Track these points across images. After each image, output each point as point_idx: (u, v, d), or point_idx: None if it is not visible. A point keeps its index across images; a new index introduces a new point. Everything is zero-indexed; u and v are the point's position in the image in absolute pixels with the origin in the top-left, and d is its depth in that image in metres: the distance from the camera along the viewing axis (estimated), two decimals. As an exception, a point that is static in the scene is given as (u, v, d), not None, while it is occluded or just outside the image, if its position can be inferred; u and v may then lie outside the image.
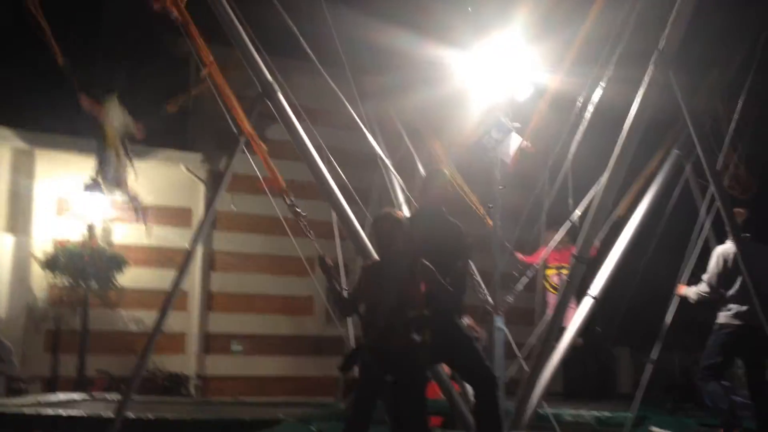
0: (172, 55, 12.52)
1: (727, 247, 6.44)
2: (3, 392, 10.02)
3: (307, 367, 12.84)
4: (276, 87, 6.46)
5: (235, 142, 6.98)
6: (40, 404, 7.63)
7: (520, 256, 8.58)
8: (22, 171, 11.79)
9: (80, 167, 11.63)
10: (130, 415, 6.33)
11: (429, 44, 6.72)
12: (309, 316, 13.29)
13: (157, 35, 11.27)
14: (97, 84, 10.35)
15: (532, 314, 10.33)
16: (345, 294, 5.22)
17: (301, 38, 6.69)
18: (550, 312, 9.01)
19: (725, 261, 6.43)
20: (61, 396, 8.68)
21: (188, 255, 6.76)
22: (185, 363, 12.33)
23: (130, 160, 10.36)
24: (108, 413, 6.72)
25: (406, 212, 7.20)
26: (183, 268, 6.58)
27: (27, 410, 6.98)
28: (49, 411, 6.83)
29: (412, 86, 6.11)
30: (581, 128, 6.18)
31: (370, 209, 8.17)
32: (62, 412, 6.77)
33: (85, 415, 6.77)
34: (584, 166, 6.56)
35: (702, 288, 6.59)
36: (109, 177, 10.21)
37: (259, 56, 6.54)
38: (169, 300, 6.43)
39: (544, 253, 8.26)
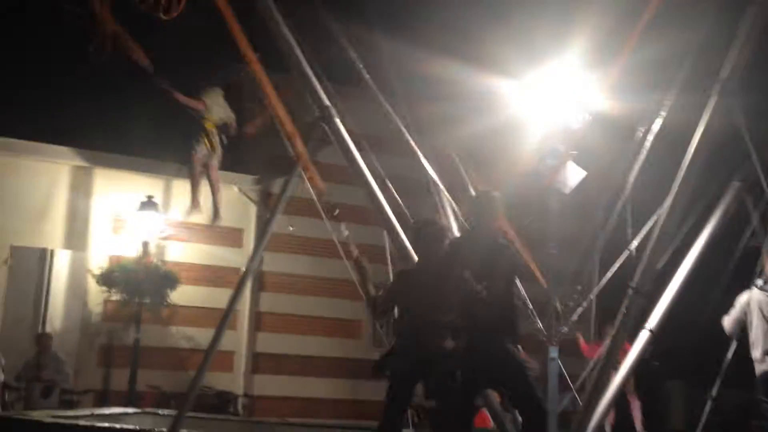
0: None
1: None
2: (56, 404, 10.23)
3: (353, 390, 12.82)
4: (334, 112, 6.54)
5: (290, 164, 7.07)
6: (94, 416, 7.75)
7: (582, 343, 8.52)
8: (81, 189, 12.08)
9: (136, 186, 11.93)
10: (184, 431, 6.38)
11: (483, 74, 6.74)
12: (356, 339, 13.29)
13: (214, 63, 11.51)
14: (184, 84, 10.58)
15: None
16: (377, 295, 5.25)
17: (360, 66, 6.76)
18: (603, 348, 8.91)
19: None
20: (115, 410, 8.80)
21: (244, 276, 6.83)
22: (233, 381, 12.42)
23: (222, 150, 10.57)
24: (160, 429, 6.81)
25: (455, 231, 7.17)
26: (238, 289, 6.67)
27: (82, 422, 7.09)
28: (105, 424, 6.93)
29: (467, 115, 6.12)
30: (641, 157, 6.10)
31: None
32: (117, 425, 6.85)
33: (138, 429, 6.85)
34: (643, 195, 6.46)
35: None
36: (195, 171, 10.59)
37: (318, 82, 6.64)
38: (225, 319, 6.51)
39: (602, 348, 8.16)
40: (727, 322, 7.22)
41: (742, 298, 7.04)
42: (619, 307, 6.35)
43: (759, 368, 6.85)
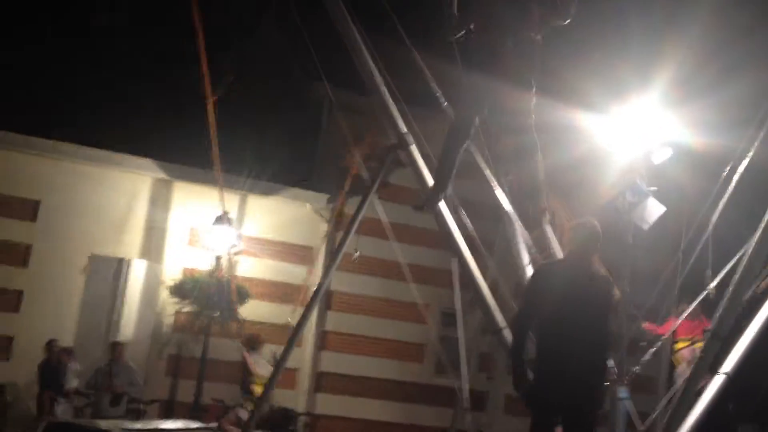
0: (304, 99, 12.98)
1: None
2: (123, 412, 10.45)
3: (414, 414, 12.77)
4: (410, 139, 6.54)
5: (361, 185, 7.10)
6: (160, 430, 7.90)
7: (649, 325, 8.23)
8: (159, 201, 12.38)
9: (212, 199, 12.16)
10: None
11: (567, 107, 6.66)
12: (420, 363, 13.23)
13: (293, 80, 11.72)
14: None
15: (654, 382, 9.93)
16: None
17: (438, 92, 6.77)
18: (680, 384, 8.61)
19: None
20: (179, 423, 8.95)
21: (315, 294, 6.86)
22: (295, 399, 12.48)
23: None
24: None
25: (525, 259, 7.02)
26: (310, 307, 6.71)
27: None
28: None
29: (549, 147, 6.04)
30: (726, 195, 5.92)
31: (494, 259, 8.07)
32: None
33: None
34: (726, 234, 6.27)
35: None
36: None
37: (396, 106, 6.66)
38: (295, 337, 6.54)
39: (673, 324, 7.91)
40: None
41: None
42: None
43: None
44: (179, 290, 11.95)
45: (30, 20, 12.40)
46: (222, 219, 11.79)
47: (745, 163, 5.85)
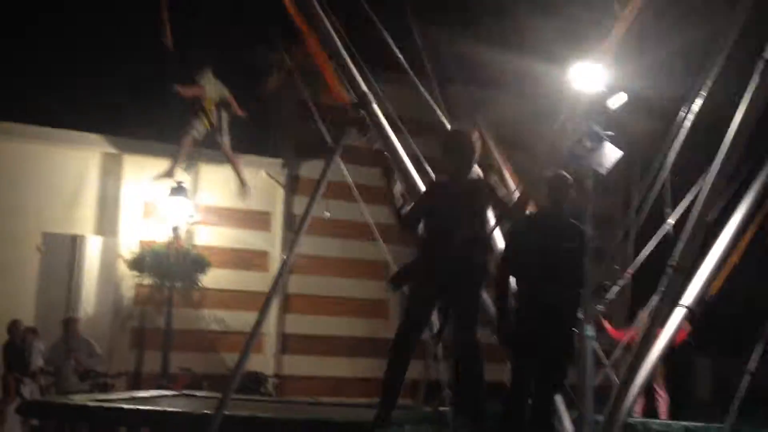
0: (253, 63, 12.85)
1: None
2: (89, 388, 10.39)
3: (380, 369, 12.89)
4: (371, 97, 6.59)
5: (317, 148, 7.13)
6: (135, 399, 7.89)
7: (609, 328, 8.60)
8: (111, 175, 12.22)
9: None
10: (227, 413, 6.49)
11: (522, 56, 6.79)
12: (383, 319, 13.43)
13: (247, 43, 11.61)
14: (189, 64, 10.87)
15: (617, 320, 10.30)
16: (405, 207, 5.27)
17: (394, 47, 6.82)
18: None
19: None
20: (153, 392, 8.95)
21: (284, 262, 6.92)
22: (264, 362, 12.59)
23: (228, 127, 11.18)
24: (205, 410, 6.93)
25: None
26: (280, 275, 6.78)
27: (127, 405, 7.21)
28: (152, 407, 7.07)
29: (504, 98, 6.17)
30: (680, 136, 6.16)
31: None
32: (164, 408, 7.00)
33: (186, 411, 6.99)
34: (680, 178, 6.53)
35: None
36: (184, 141, 11.25)
37: (355, 66, 6.69)
38: (269, 302, 6.60)
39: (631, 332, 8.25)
40: None
41: None
42: (653, 289, 6.46)
43: None
44: (138, 263, 11.88)
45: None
46: (177, 190, 11.71)
47: (697, 105, 6.08)
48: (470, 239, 5.07)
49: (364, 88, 6.70)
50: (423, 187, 6.64)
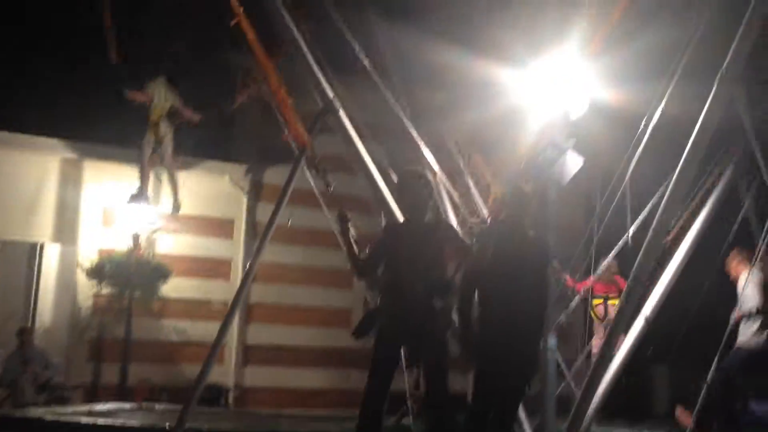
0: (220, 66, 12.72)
1: None
2: (45, 401, 10.13)
3: (344, 380, 12.87)
4: (338, 103, 6.56)
5: (280, 154, 7.03)
6: (94, 413, 7.73)
7: (570, 281, 8.57)
8: (70, 181, 11.96)
9: (126, 178, 11.84)
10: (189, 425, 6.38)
11: (483, 62, 6.79)
12: (346, 329, 13.30)
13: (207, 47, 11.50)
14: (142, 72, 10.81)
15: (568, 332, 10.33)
16: (360, 254, 5.16)
17: (359, 51, 6.79)
18: (595, 341, 9.05)
19: None
20: (111, 405, 8.79)
21: (248, 271, 6.84)
22: (224, 374, 12.40)
23: (173, 139, 11.11)
24: (161, 424, 6.81)
25: (453, 221, 7.20)
26: (244, 284, 6.70)
27: (85, 419, 7.07)
28: (111, 421, 6.93)
29: (467, 104, 6.17)
30: (641, 147, 6.20)
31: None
32: (123, 422, 6.86)
33: (145, 426, 6.87)
34: (642, 187, 6.57)
35: None
36: (144, 160, 11.07)
37: (321, 72, 6.66)
38: (233, 312, 6.52)
39: (590, 280, 8.28)
40: None
41: None
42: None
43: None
44: (97, 272, 11.63)
45: None
46: (137, 197, 11.52)
47: (657, 115, 6.13)
48: (430, 286, 5.00)
49: (331, 93, 6.68)
50: (388, 195, 6.62)
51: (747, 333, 7.36)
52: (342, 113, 6.52)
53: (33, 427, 6.95)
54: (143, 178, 11.35)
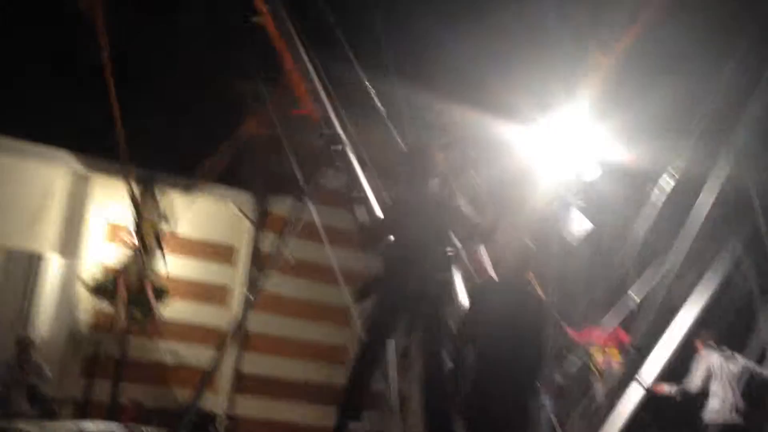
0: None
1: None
2: (37, 413, 10.06)
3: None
4: (346, 141, 6.56)
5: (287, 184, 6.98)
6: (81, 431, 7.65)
7: (570, 331, 8.48)
8: (77, 194, 11.96)
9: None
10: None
11: (494, 121, 6.81)
12: (341, 365, 13.21)
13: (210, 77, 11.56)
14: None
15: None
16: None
17: (375, 99, 6.81)
18: (598, 392, 8.93)
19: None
20: (100, 424, 8.70)
21: (247, 300, 6.79)
22: (216, 401, 12.27)
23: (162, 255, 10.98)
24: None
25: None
26: (245, 313, 6.63)
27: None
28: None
29: (478, 161, 6.16)
30: (649, 212, 6.16)
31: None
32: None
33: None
34: (648, 250, 6.52)
35: None
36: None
37: (333, 110, 6.67)
38: (227, 340, 6.45)
39: (591, 332, 8.20)
40: None
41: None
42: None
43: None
44: (98, 288, 11.59)
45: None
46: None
47: (666, 183, 6.09)
48: (433, 259, 5.00)
49: (341, 131, 6.69)
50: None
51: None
52: (349, 150, 6.51)
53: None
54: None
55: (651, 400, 7.26)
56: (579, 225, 6.46)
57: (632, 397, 6.75)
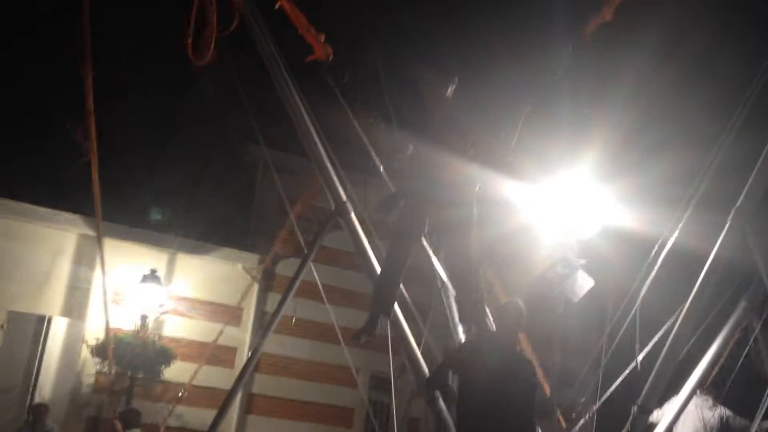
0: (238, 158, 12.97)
1: None
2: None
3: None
4: (349, 206, 6.59)
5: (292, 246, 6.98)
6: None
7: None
8: (84, 258, 12.03)
9: (140, 258, 11.93)
10: None
11: (501, 181, 6.85)
12: (349, 428, 13.06)
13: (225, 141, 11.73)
14: None
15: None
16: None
17: (377, 161, 6.88)
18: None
19: None
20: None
21: (250, 359, 6.76)
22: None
23: None
24: None
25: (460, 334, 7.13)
26: (245, 371, 6.60)
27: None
28: None
29: (480, 219, 6.18)
30: (652, 271, 6.14)
31: (427, 326, 8.14)
32: None
33: None
34: (652, 310, 6.48)
35: None
36: None
37: (335, 173, 6.72)
38: (230, 400, 6.41)
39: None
40: None
41: None
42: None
43: None
44: (102, 350, 11.54)
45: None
46: (150, 278, 11.56)
47: (671, 242, 6.09)
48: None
49: (344, 197, 6.72)
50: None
51: None
52: (353, 216, 6.54)
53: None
54: None
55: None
56: (582, 282, 6.44)
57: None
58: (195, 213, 11.80)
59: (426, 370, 5.91)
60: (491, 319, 5.82)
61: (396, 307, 6.53)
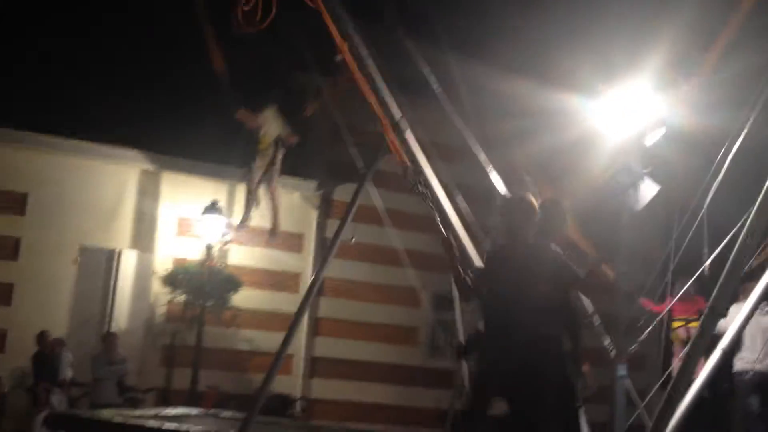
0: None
1: None
2: (121, 402, 10.48)
3: (410, 397, 12.86)
4: (404, 124, 6.54)
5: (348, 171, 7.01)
6: (160, 417, 7.89)
7: (645, 302, 8.28)
8: (148, 191, 12.34)
9: (201, 190, 12.16)
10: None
11: (555, 90, 6.68)
12: (413, 346, 13.32)
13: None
14: (252, 98, 10.86)
15: (650, 360, 10.05)
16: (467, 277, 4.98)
17: (432, 80, 6.78)
18: (676, 364, 8.76)
19: None
20: (178, 410, 8.95)
21: (313, 283, 6.87)
22: (292, 384, 12.54)
23: (281, 166, 11.14)
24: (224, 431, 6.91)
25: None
26: (308, 296, 6.72)
27: (150, 423, 7.23)
28: (173, 425, 7.04)
29: (539, 131, 6.05)
30: (720, 175, 5.97)
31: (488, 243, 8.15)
32: (185, 427, 6.96)
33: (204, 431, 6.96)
34: (719, 215, 6.33)
35: None
36: (252, 186, 11.06)
37: (389, 93, 6.66)
38: (296, 324, 6.55)
39: (669, 303, 8.00)
40: None
41: None
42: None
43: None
44: (171, 280, 11.93)
45: (12, 14, 12.25)
46: (211, 209, 11.78)
47: (738, 143, 5.89)
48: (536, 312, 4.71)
49: (398, 114, 6.66)
50: (454, 218, 6.56)
51: None
52: (409, 133, 6.49)
53: (101, 428, 7.12)
54: (249, 204, 11.37)
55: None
56: (645, 189, 6.30)
57: (711, 363, 6.57)
58: (251, 143, 11.85)
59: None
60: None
61: (459, 224, 6.53)
